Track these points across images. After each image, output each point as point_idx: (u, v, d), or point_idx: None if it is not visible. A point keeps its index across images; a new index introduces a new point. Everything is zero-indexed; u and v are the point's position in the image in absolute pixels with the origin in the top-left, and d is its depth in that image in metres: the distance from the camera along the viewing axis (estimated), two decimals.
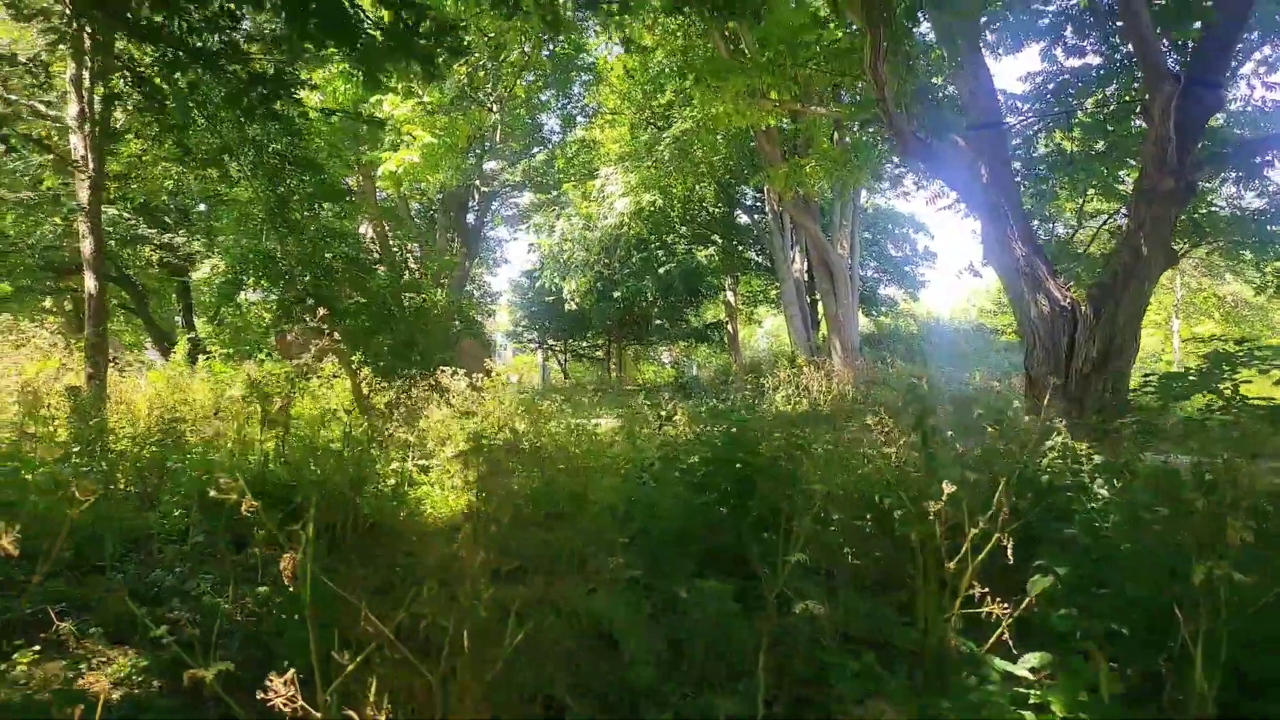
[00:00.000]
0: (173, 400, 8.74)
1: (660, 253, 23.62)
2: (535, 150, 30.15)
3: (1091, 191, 15.52)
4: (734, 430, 6.61)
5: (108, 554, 5.89)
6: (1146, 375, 6.78)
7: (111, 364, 10.16)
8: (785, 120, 17.16)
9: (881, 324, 32.68)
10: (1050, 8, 13.29)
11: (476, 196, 30.02)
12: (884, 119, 11.61)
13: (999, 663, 2.72)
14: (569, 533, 5.63)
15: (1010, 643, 2.75)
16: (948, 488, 2.68)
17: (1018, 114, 15.19)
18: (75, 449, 7.35)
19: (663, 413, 9.61)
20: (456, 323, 15.46)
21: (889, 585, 4.80)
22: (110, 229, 19.86)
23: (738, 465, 5.55)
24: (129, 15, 5.58)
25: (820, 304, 27.64)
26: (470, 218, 30.24)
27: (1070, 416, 8.60)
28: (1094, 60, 13.96)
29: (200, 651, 4.39)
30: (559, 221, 18.62)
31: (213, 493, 3.62)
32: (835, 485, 5.83)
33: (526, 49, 13.37)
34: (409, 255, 14.04)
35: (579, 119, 29.60)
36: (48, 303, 31.15)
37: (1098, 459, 4.70)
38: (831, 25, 13.47)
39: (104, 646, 4.29)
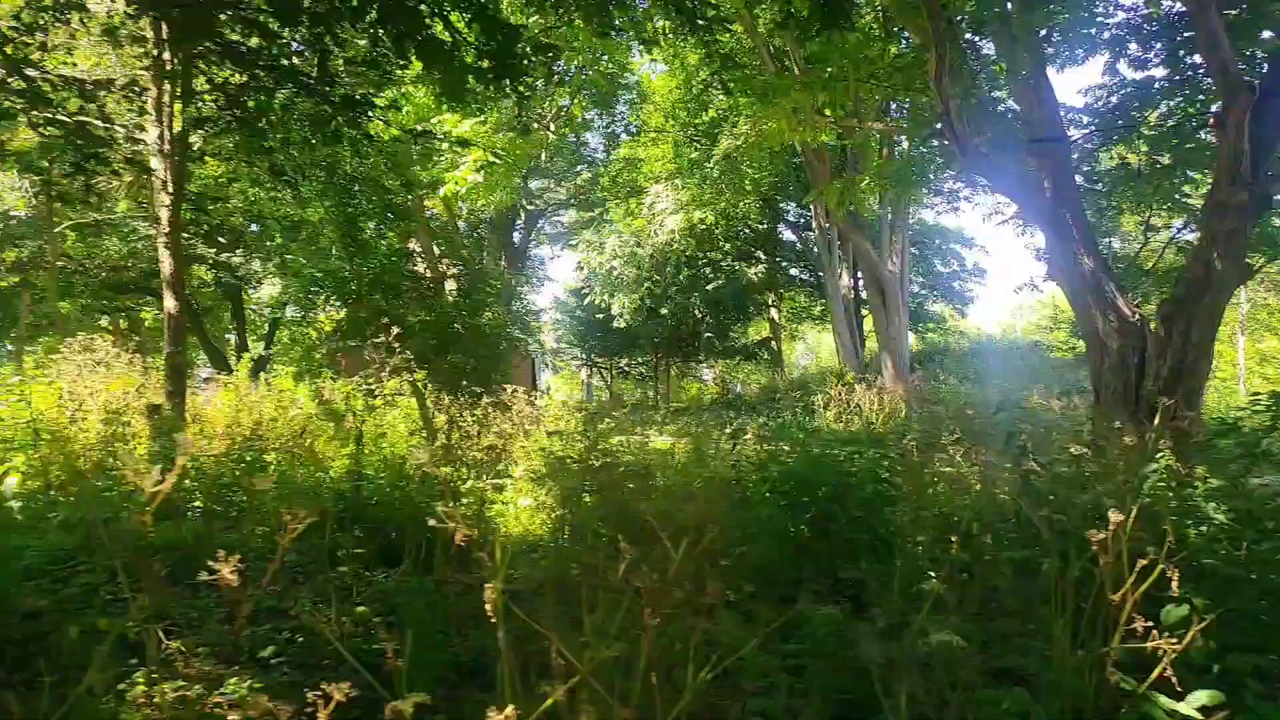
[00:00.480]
0: (249, 418, 8.85)
1: (707, 270, 23.58)
2: (579, 168, 30.36)
3: (1156, 205, 15.19)
4: (814, 449, 6.51)
5: (204, 571, 5.95)
6: (1254, 394, 6.55)
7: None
8: (834, 137, 17.05)
9: (930, 341, 32.27)
10: (1114, 19, 13.07)
11: (522, 215, 30.30)
12: (947, 133, 11.47)
13: (1164, 701, 2.60)
14: (661, 555, 5.56)
15: (1174, 679, 2.62)
16: (1115, 516, 2.57)
17: (1079, 127, 14.94)
18: (159, 467, 7.44)
19: (730, 430, 9.53)
20: (502, 341, 15.54)
21: (994, 614, 4.65)
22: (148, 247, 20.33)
23: (831, 485, 5.44)
24: (221, 40, 5.67)
25: (868, 321, 27.41)
26: (515, 236, 30.50)
27: (1142, 437, 8.36)
28: (1159, 72, 13.68)
29: (304, 673, 4.41)
30: (609, 239, 18.66)
31: (289, 516, 3.63)
32: (934, 507, 5.70)
33: (585, 69, 13.47)
34: (462, 274, 14.16)
35: (622, 136, 29.78)
36: (104, 321, 31.88)
37: (1214, 482, 4.52)
38: (883, 40, 13.41)
39: (212, 666, 4.29)
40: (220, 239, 24.86)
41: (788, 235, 32.37)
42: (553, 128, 14.34)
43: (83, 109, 6.30)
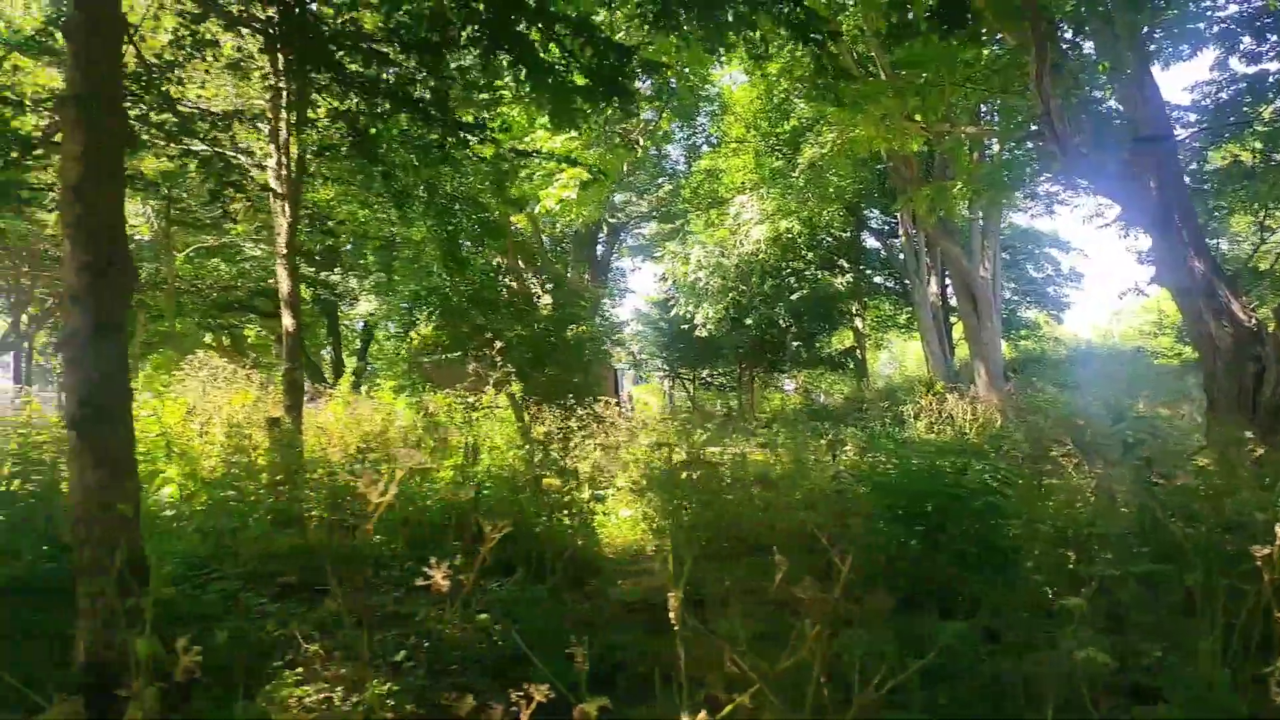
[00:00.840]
0: (359, 431, 9.19)
1: (791, 279, 23.41)
2: (660, 181, 30.53)
3: (1272, 205, 14.46)
4: (914, 461, 6.42)
5: (330, 579, 6.20)
6: None
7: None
8: (922, 143, 16.75)
9: (1024, 348, 31.28)
10: (1225, 13, 12.53)
11: (605, 228, 30.63)
12: (1048, 134, 11.18)
13: None
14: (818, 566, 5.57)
15: None
16: None
17: (1186, 125, 14.36)
18: (279, 478, 7.80)
19: (825, 441, 9.46)
20: (590, 354, 15.70)
21: (1122, 629, 4.51)
22: (274, 268, 21.30)
23: (942, 497, 5.35)
24: (341, 69, 5.93)
25: (957, 329, 26.74)
26: (599, 250, 30.83)
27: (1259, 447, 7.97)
28: (1274, 66, 13.05)
29: (431, 677, 4.55)
30: (694, 250, 18.73)
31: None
32: (1049, 519, 5.56)
33: (673, 83, 13.63)
34: (556, 288, 14.45)
35: (703, 148, 29.83)
36: (208, 338, 33.39)
37: None
38: (978, 44, 13.09)
39: (349, 671, 4.47)
40: (317, 257, 25.91)
41: (870, 243, 31.87)
42: (641, 141, 14.57)
43: (215, 139, 6.68)
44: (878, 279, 31.14)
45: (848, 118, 14.94)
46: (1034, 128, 12.92)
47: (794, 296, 22.87)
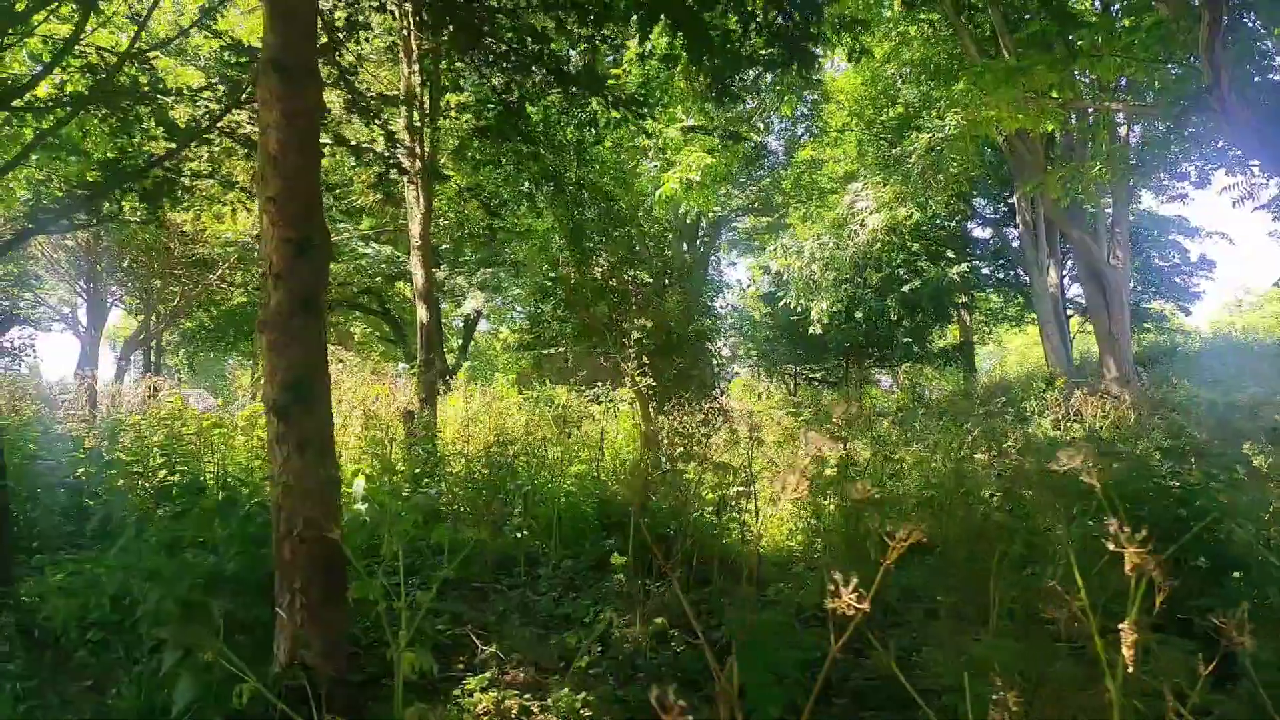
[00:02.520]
0: (490, 424, 9.04)
1: (901, 271, 22.49)
2: (760, 173, 29.93)
3: None
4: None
5: (484, 575, 6.00)
6: None
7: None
8: (1058, 122, 15.74)
9: (1148, 341, 29.46)
10: None
11: (704, 223, 30.18)
12: (1217, 107, 10.26)
13: None
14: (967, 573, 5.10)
15: None
16: None
17: None
18: (416, 471, 7.66)
19: (968, 439, 8.84)
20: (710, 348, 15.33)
21: None
22: (384, 265, 21.60)
23: (1169, 504, 4.78)
24: (494, 44, 5.69)
25: (1074, 321, 25.35)
26: (699, 245, 30.43)
27: None
28: None
29: (620, 682, 4.24)
30: (808, 242, 18.11)
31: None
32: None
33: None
34: (681, 281, 14.15)
35: (803, 138, 29.10)
36: None
37: None
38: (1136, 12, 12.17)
39: (529, 674, 4.20)
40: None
41: (977, 232, 30.48)
42: (761, 127, 14.11)
43: (385, 122, 6.58)
44: (985, 270, 29.80)
45: (978, 97, 14.13)
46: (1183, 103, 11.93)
47: (905, 288, 21.95)
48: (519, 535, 6.51)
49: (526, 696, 3.81)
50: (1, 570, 4.57)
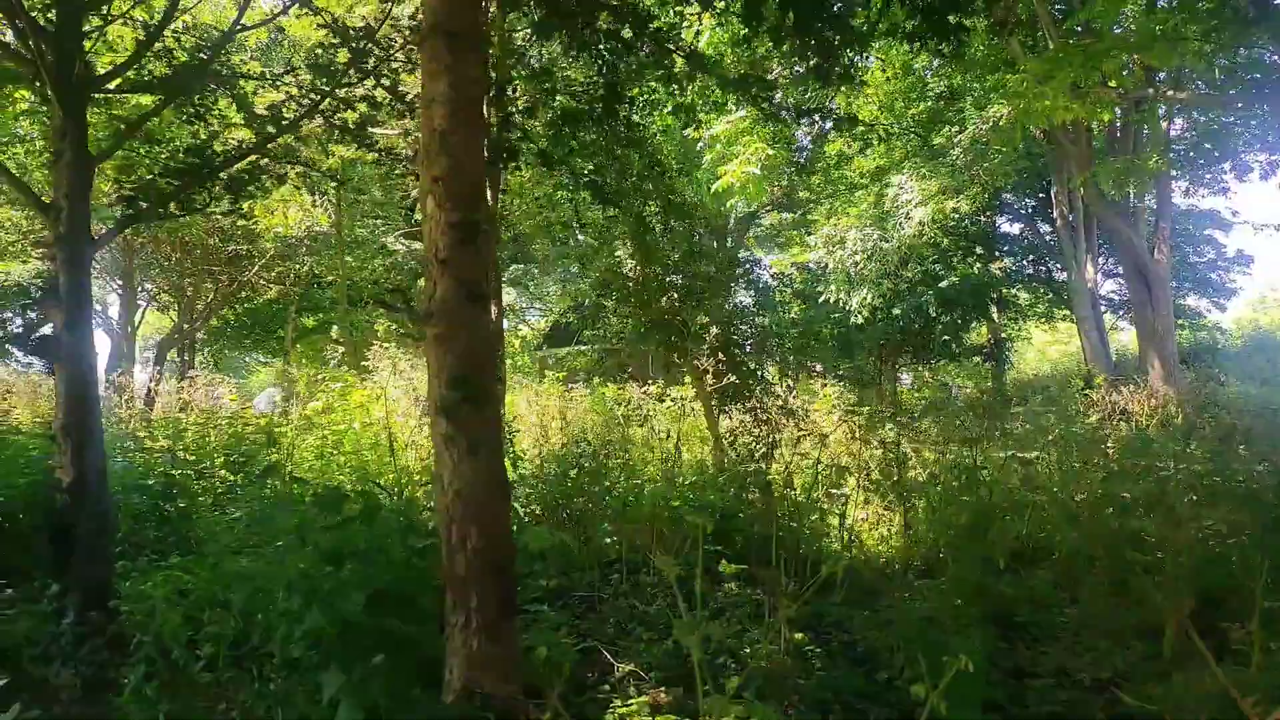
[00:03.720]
0: (558, 422, 8.78)
1: (937, 266, 22.08)
2: (788, 169, 29.54)
3: None
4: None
5: (583, 582, 5.72)
6: None
7: None
8: (1112, 112, 15.37)
9: (1184, 338, 28.98)
10: None
11: (731, 220, 29.84)
12: None
13: None
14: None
15: None
16: None
17: None
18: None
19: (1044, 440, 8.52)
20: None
21: None
22: (416, 263, 21.36)
23: None
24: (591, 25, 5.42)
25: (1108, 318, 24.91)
26: (728, 241, 30.09)
27: None
28: None
29: (780, 706, 3.93)
30: (850, 234, 17.77)
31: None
32: None
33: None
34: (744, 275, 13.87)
35: (829, 133, 28.70)
36: (334, 332, 33.91)
37: None
38: None
39: (677, 694, 3.90)
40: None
41: (1004, 227, 30.04)
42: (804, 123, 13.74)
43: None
44: (1013, 266, 29.39)
45: (1032, 87, 13.78)
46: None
47: (943, 284, 21.56)
48: (611, 540, 6.24)
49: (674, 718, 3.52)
50: (103, 580, 4.31)
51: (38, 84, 4.13)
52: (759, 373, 10.82)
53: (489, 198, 8.54)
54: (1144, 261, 20.66)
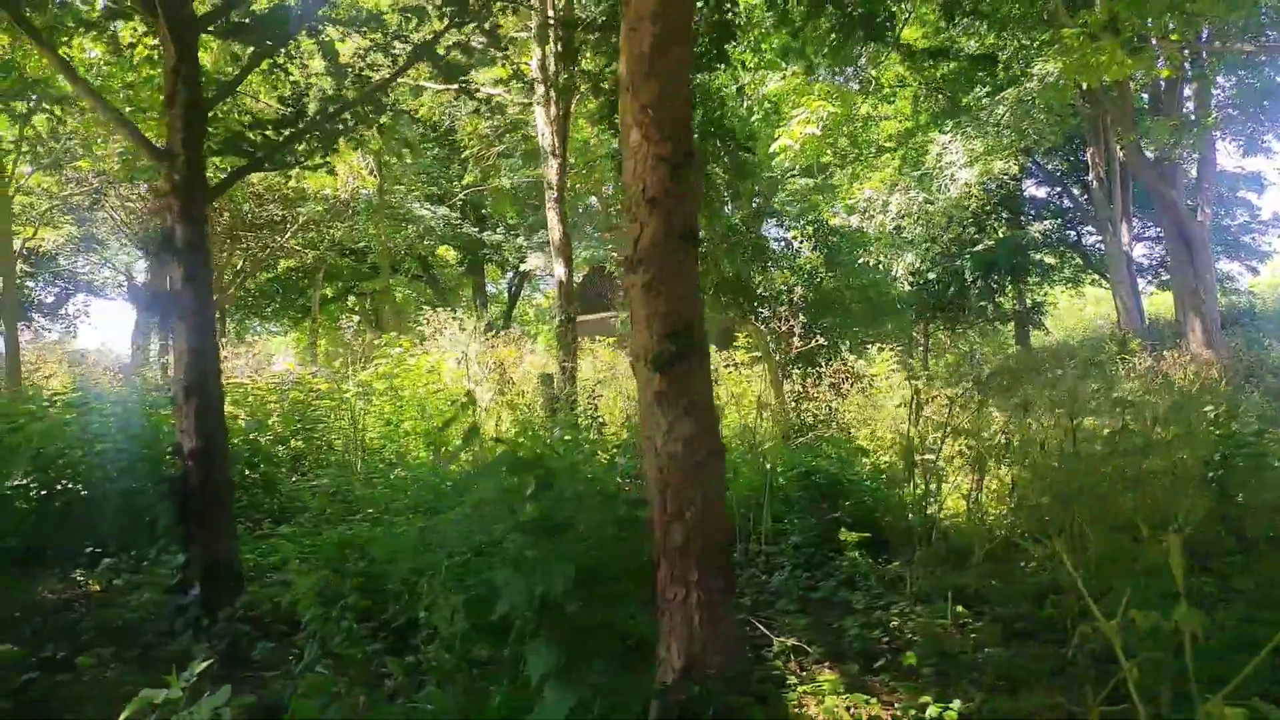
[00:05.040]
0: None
1: (972, 230, 21.67)
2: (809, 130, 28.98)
3: None
4: None
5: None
6: None
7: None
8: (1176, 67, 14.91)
9: (1220, 302, 28.61)
10: None
11: (757, 184, 29.37)
12: None
13: None
14: None
15: None
16: None
17: None
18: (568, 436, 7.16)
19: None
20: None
21: None
22: (439, 227, 21.01)
23: None
24: None
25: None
26: (755, 204, 29.61)
27: None
28: None
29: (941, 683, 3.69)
30: (894, 197, 17.37)
31: None
32: None
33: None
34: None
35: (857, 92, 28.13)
36: (350, 301, 33.66)
37: None
38: None
39: (844, 670, 3.67)
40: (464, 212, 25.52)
41: (1029, 190, 29.54)
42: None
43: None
44: (1036, 231, 28.98)
45: (1087, 43, 13.33)
46: None
47: (979, 248, 21.18)
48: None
49: (874, 702, 3.28)
50: (227, 551, 4.08)
51: (150, 21, 3.84)
52: (835, 338, 10.53)
53: (557, 167, 8.24)
54: (1185, 222, 20.25)
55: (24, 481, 5.12)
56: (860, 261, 19.21)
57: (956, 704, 3.10)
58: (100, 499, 5.39)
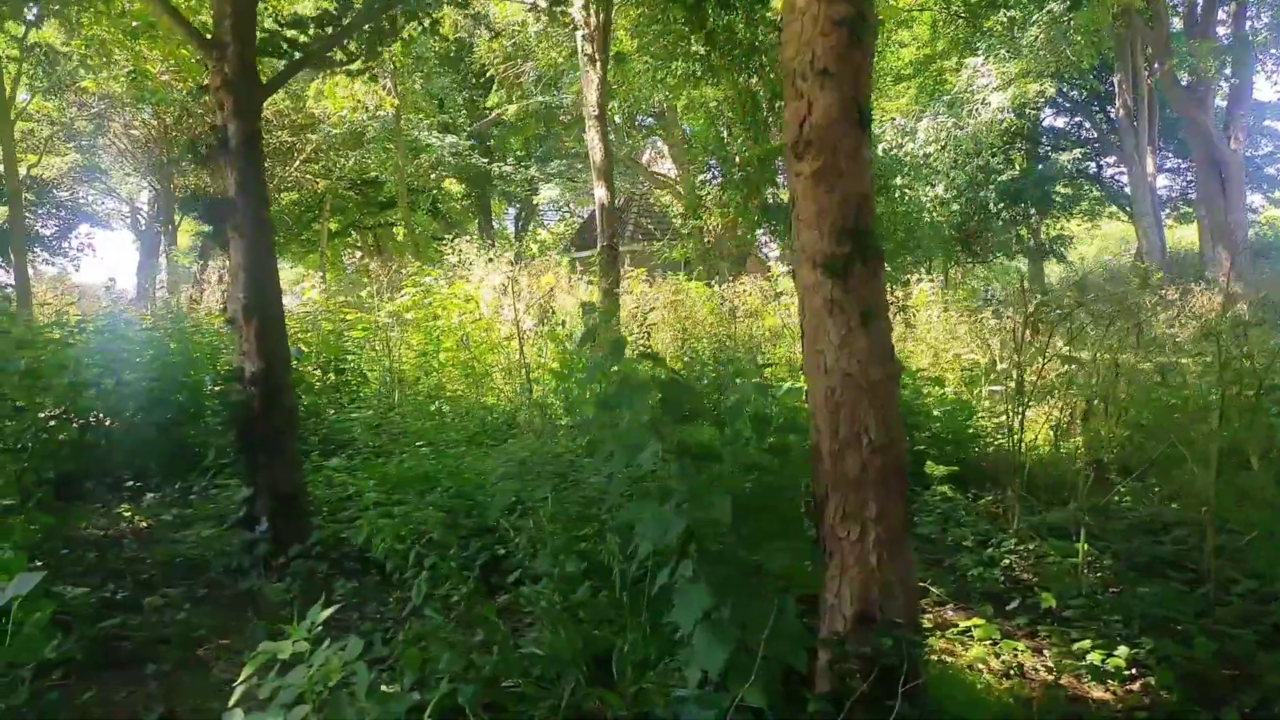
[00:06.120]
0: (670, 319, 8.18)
1: (994, 160, 21.07)
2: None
3: None
4: None
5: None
6: None
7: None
8: None
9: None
10: None
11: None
12: None
13: None
14: None
15: None
16: None
17: None
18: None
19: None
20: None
21: None
22: (450, 157, 20.36)
23: None
24: None
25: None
26: None
27: None
28: None
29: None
30: (922, 123, 16.74)
31: None
32: None
33: None
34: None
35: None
36: (397, 232, 32.96)
37: None
38: None
39: (985, 622, 3.37)
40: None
41: (1049, 121, 28.83)
42: None
43: None
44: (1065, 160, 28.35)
45: None
46: None
47: (1004, 177, 20.61)
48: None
49: (1024, 649, 3.01)
50: (294, 482, 3.77)
51: None
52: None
53: (597, 85, 7.73)
54: (1219, 150, 19.68)
55: (57, 412, 4.79)
56: (896, 183, 18.68)
57: (1123, 650, 2.82)
58: (138, 430, 5.07)
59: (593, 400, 2.36)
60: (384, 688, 2.13)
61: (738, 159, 9.42)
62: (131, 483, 5.01)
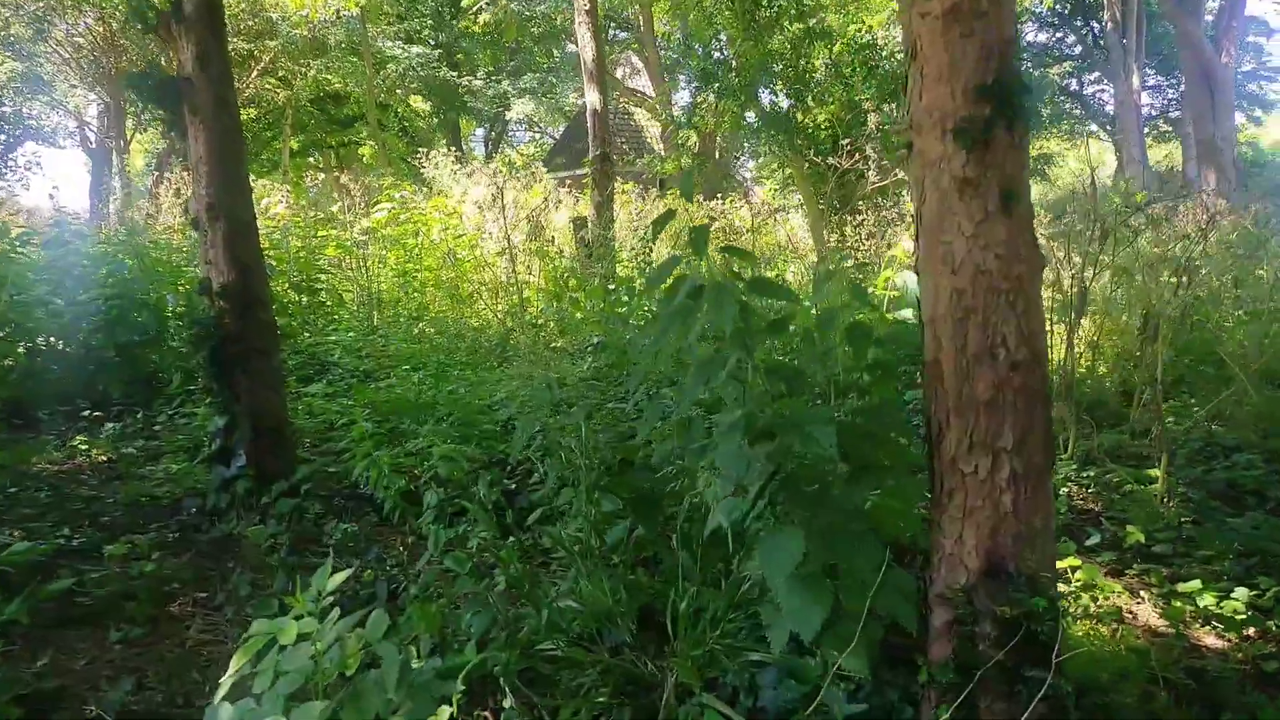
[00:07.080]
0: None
1: None
2: None
3: None
4: None
5: None
6: None
7: None
8: None
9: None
10: None
11: None
12: None
13: None
14: None
15: None
16: None
17: None
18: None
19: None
20: None
21: None
22: (417, 69, 19.28)
23: None
24: None
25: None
26: None
27: None
28: None
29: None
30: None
31: None
32: None
33: None
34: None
35: None
36: (364, 151, 31.74)
37: None
38: None
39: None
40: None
41: (1029, 36, 28.09)
42: None
43: None
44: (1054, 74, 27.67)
45: None
46: None
47: None
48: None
49: (1122, 590, 2.67)
50: (274, 410, 3.29)
51: None
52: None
53: None
54: (1210, 64, 19.19)
55: (0, 334, 4.23)
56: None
57: (1241, 592, 2.48)
58: (95, 353, 4.53)
59: (660, 308, 1.88)
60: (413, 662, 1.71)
61: (734, 62, 8.81)
62: (89, 411, 4.49)
